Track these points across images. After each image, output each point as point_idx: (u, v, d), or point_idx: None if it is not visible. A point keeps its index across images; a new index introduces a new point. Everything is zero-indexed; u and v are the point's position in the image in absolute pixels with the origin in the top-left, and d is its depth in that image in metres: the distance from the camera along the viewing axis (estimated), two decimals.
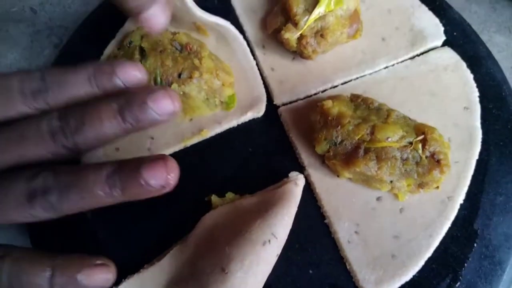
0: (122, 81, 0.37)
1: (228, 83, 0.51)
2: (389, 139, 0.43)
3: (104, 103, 0.35)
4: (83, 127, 0.34)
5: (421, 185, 0.45)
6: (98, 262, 0.39)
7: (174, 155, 0.51)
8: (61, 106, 0.36)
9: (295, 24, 0.50)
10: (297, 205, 0.45)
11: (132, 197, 0.36)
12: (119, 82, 0.37)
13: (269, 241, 0.40)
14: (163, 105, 0.36)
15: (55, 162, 0.36)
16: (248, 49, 0.56)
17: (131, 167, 0.35)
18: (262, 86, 0.54)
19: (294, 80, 0.54)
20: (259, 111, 0.53)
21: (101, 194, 0.34)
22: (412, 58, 0.55)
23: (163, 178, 0.35)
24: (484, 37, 0.57)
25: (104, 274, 0.39)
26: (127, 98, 0.35)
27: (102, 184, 0.34)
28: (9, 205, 0.33)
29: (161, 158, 0.36)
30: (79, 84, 0.36)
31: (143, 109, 0.35)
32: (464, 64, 0.54)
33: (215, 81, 0.49)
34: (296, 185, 0.45)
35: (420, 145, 0.44)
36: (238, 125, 0.53)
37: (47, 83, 0.36)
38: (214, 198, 0.47)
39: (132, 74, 0.37)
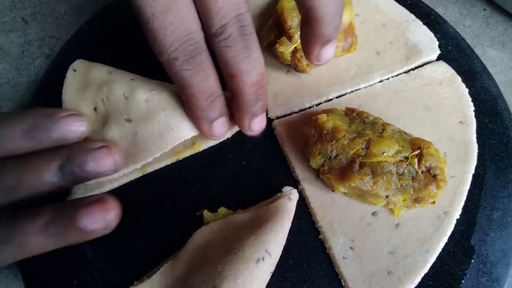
0: (63, 135, 0.37)
1: None
2: (385, 154, 0.43)
3: (43, 159, 0.35)
4: (20, 186, 0.34)
5: (417, 200, 0.44)
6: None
7: (166, 169, 0.50)
8: None
9: (290, 38, 0.50)
10: (291, 221, 0.44)
11: (72, 242, 0.35)
12: (59, 136, 0.37)
13: (263, 258, 0.39)
14: (104, 163, 0.36)
15: None
16: None
17: (67, 214, 0.34)
18: None
19: (288, 93, 0.54)
20: None
21: (38, 244, 0.34)
22: (407, 72, 0.55)
23: (102, 221, 0.35)
24: (478, 51, 0.57)
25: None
26: (68, 155, 0.36)
27: (38, 236, 0.34)
28: None
29: (97, 200, 0.35)
30: (15, 139, 0.35)
31: (84, 168, 0.36)
32: (459, 78, 0.54)
33: None
34: (290, 200, 0.45)
35: (416, 160, 0.43)
36: (231, 138, 0.52)
37: None
38: (206, 213, 0.46)
39: (75, 127, 0.37)
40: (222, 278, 0.38)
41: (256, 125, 0.44)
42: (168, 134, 0.47)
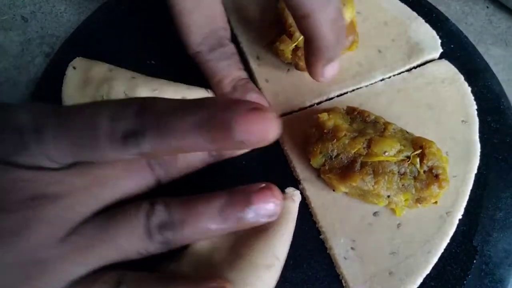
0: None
1: None
2: (386, 153, 0.42)
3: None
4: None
5: (419, 200, 0.44)
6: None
7: None
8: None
9: (290, 36, 0.49)
10: (294, 223, 0.44)
11: (243, 227, 0.33)
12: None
13: (273, 264, 0.39)
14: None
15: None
16: None
17: (240, 199, 0.33)
18: None
19: (288, 92, 0.53)
20: None
21: (215, 228, 0.32)
22: (409, 70, 0.54)
23: (272, 207, 0.33)
24: (480, 50, 0.56)
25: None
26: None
27: (216, 219, 0.32)
28: (130, 242, 0.31)
29: (267, 187, 0.33)
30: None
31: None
32: (461, 77, 0.53)
33: None
34: (293, 201, 0.44)
35: (418, 159, 0.43)
36: None
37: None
38: None
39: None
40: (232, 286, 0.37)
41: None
42: None
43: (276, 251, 0.40)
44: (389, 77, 0.54)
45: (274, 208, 0.33)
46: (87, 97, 0.49)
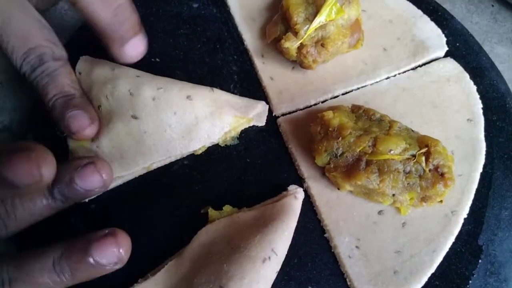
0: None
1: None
2: (392, 152, 0.42)
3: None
4: (15, 215, 0.35)
5: (424, 199, 0.44)
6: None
7: (171, 166, 0.50)
8: None
9: (295, 33, 0.49)
10: (296, 220, 0.44)
11: (83, 279, 0.35)
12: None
13: (269, 257, 0.39)
14: (92, 180, 0.36)
15: None
16: None
17: (79, 249, 0.34)
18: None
19: (293, 90, 0.53)
20: (261, 122, 0.52)
21: (49, 282, 0.34)
22: (414, 68, 0.54)
23: (115, 255, 0.35)
24: (485, 48, 0.56)
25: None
26: (55, 176, 0.35)
27: (49, 273, 0.34)
28: None
29: (110, 234, 0.35)
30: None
31: (72, 187, 0.36)
32: (467, 75, 0.53)
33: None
34: (295, 198, 0.44)
35: (423, 158, 0.42)
36: (235, 135, 0.52)
37: None
38: (211, 211, 0.46)
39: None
40: (228, 277, 0.38)
41: (132, 51, 0.43)
42: (179, 141, 0.47)
43: (275, 246, 0.40)
44: (394, 76, 0.54)
45: (118, 256, 0.35)
46: (92, 100, 0.49)
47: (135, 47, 0.42)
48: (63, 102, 0.44)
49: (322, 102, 0.53)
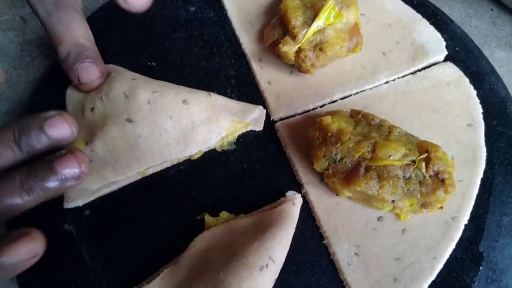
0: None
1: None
2: (391, 157, 0.42)
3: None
4: None
5: (424, 205, 0.43)
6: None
7: (166, 172, 0.49)
8: None
9: (293, 37, 0.48)
10: (295, 226, 0.43)
11: (50, 195, 0.38)
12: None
13: (267, 265, 0.38)
14: (60, 129, 0.39)
15: None
16: None
17: (42, 166, 0.37)
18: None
19: (291, 94, 0.53)
20: (258, 127, 0.51)
21: (21, 201, 0.37)
22: (413, 73, 0.54)
23: (76, 167, 0.38)
24: (485, 52, 0.56)
25: None
26: (22, 128, 0.38)
27: (18, 191, 0.36)
28: None
29: (69, 152, 0.38)
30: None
31: (40, 137, 0.38)
32: (467, 80, 0.52)
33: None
34: (293, 204, 0.43)
35: (423, 164, 0.42)
36: (233, 140, 0.51)
37: None
38: (207, 217, 0.45)
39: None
40: (225, 286, 0.37)
41: None
42: (174, 146, 0.46)
43: (272, 253, 0.40)
44: (394, 80, 0.53)
45: (79, 171, 0.38)
46: (87, 101, 0.48)
47: None
48: (76, 53, 0.45)
49: (321, 106, 0.52)
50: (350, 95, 0.53)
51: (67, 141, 0.40)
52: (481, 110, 0.51)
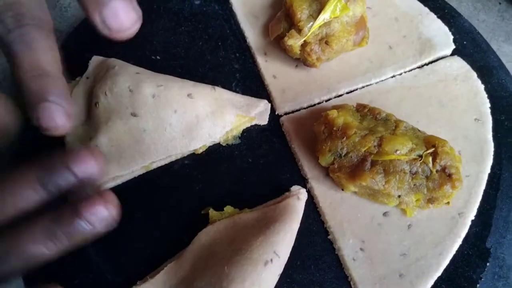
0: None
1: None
2: (398, 152, 0.41)
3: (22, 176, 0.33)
4: (5, 206, 0.32)
5: (430, 200, 0.43)
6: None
7: (171, 166, 0.49)
8: None
9: (299, 31, 0.48)
10: (299, 221, 0.43)
11: (77, 241, 0.33)
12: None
13: (271, 260, 0.38)
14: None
15: None
16: None
17: (67, 212, 0.33)
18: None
19: (297, 88, 0.52)
20: (263, 121, 0.51)
21: (46, 251, 0.32)
22: (420, 67, 0.53)
23: (104, 213, 0.33)
24: (493, 47, 0.55)
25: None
26: (47, 166, 0.33)
27: (42, 238, 0.32)
28: None
29: (97, 193, 0.33)
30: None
31: (66, 175, 0.33)
32: (474, 74, 0.52)
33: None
34: (298, 199, 0.43)
35: (430, 159, 0.41)
36: (237, 134, 0.51)
37: None
38: (211, 211, 0.45)
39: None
40: (229, 280, 0.37)
41: (112, 18, 0.37)
42: (179, 140, 0.46)
43: (277, 248, 0.39)
44: (400, 74, 0.53)
45: (108, 213, 0.33)
46: (89, 93, 0.48)
47: (118, 13, 0.36)
48: (37, 84, 0.36)
49: (326, 101, 0.52)
50: (356, 89, 0.52)
51: (95, 177, 0.35)
52: (488, 105, 0.50)
